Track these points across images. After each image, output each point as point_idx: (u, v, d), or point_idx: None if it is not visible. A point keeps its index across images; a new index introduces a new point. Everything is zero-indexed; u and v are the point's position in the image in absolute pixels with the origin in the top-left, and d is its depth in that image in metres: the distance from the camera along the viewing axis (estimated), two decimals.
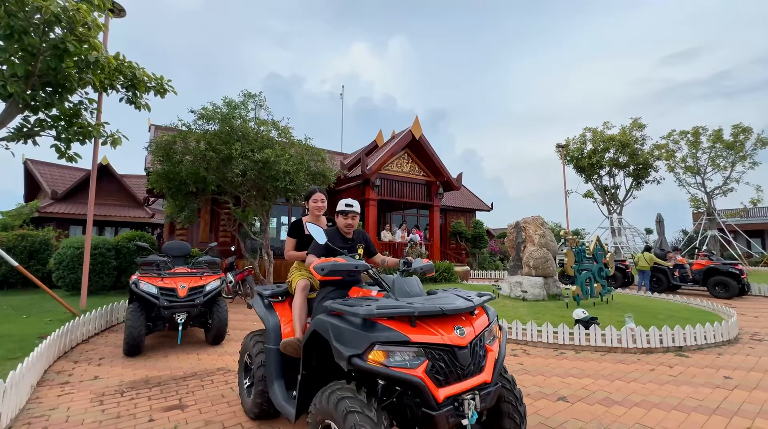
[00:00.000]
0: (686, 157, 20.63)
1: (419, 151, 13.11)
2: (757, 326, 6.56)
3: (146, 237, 9.63)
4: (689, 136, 20.36)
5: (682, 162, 20.64)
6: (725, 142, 19.73)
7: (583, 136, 18.31)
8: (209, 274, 5.16)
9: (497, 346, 2.18)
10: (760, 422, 2.95)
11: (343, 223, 2.81)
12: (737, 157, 19.78)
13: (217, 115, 8.03)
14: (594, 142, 17.88)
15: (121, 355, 4.56)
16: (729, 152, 19.77)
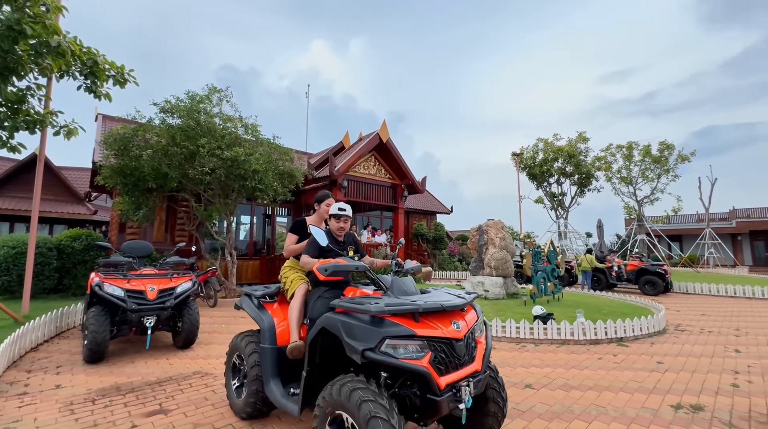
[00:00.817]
0: (621, 169, 22.96)
1: (386, 154, 13.37)
2: (680, 319, 7.57)
3: (94, 235, 8.91)
4: (624, 150, 22.70)
5: (617, 173, 22.94)
6: (653, 156, 22.21)
7: (536, 145, 19.79)
8: (179, 275, 4.98)
9: (484, 339, 2.44)
10: (687, 398, 3.51)
11: (336, 226, 2.93)
12: (662, 170, 22.35)
13: (181, 109, 7.67)
14: (545, 152, 19.38)
15: (81, 363, 4.27)
16: (656, 166, 22.28)
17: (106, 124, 11.92)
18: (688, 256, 24.98)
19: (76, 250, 8.43)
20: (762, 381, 4.00)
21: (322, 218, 3.31)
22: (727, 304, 9.92)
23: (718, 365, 4.54)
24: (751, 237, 28.28)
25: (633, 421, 3.02)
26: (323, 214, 3.28)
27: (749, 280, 14.64)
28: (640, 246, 22.51)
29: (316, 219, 3.30)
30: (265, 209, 14.49)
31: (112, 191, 12.04)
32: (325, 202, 3.25)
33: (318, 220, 3.31)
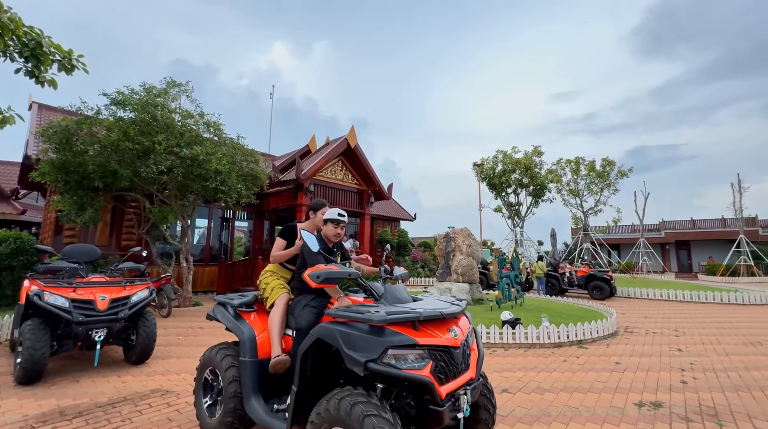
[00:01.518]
0: (570, 182, 24.73)
1: (353, 159, 13.29)
2: (627, 321, 8.21)
3: (24, 237, 7.87)
4: (572, 165, 24.48)
5: (567, 185, 24.66)
6: (597, 171, 24.16)
7: (496, 157, 20.77)
8: (134, 283, 4.52)
9: (476, 346, 2.44)
10: (646, 395, 3.77)
11: (333, 232, 2.83)
12: (605, 184, 24.37)
13: (135, 102, 7.06)
14: (504, 164, 20.38)
15: (12, 384, 3.71)
16: (599, 180, 24.24)
17: (43, 114, 10.69)
18: (625, 263, 27.36)
19: (2, 254, 7.39)
20: (704, 377, 4.41)
21: (316, 226, 3.16)
22: (662, 306, 10.94)
23: (666, 364, 4.95)
24: (676, 246, 31.62)
25: (605, 420, 3.18)
26: (318, 223, 3.12)
27: (677, 284, 16.28)
28: (586, 254, 24.28)
29: (309, 226, 3.15)
30: (223, 212, 13.78)
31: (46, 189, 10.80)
32: (321, 211, 3.11)
33: (311, 228, 3.15)
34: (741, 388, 4.04)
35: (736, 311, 10.03)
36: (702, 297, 12.18)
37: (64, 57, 5.75)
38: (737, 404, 3.58)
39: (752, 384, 4.16)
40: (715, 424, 3.14)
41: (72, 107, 7.19)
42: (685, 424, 3.13)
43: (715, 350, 5.69)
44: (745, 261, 24.15)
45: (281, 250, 3.08)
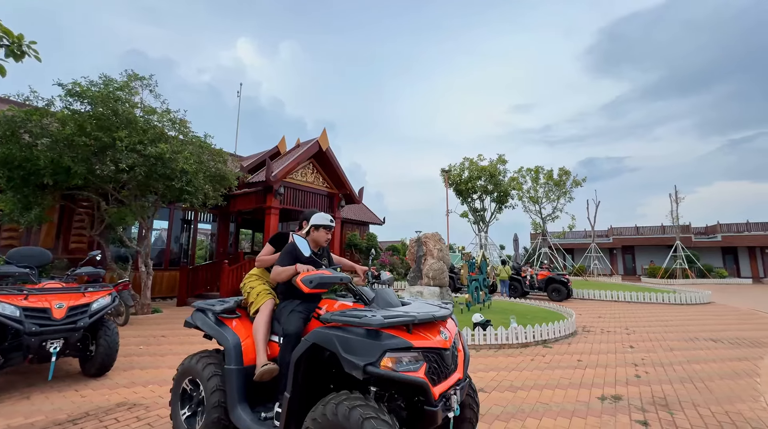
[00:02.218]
0: (530, 190, 26.07)
1: (324, 162, 13.16)
2: (584, 321, 8.78)
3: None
4: (532, 173, 25.84)
5: (527, 193, 25.97)
6: (554, 180, 25.68)
7: (463, 164, 21.48)
8: (94, 289, 4.21)
9: (462, 347, 2.54)
10: (607, 390, 4.07)
11: (323, 238, 2.83)
12: (561, 192, 25.94)
13: (95, 94, 6.57)
14: (470, 171, 21.12)
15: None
16: (557, 188, 25.76)
17: None
18: (578, 266, 29.21)
19: None
20: (655, 371, 4.84)
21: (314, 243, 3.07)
22: (613, 307, 11.82)
23: (621, 360, 5.36)
24: (623, 251, 34.22)
25: (573, 414, 3.40)
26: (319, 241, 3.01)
27: (624, 286, 17.64)
28: (544, 258, 25.65)
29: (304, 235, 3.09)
30: (184, 214, 13.13)
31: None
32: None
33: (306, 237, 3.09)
34: (686, 380, 4.48)
35: (675, 310, 11.05)
36: (646, 298, 13.29)
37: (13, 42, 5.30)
38: (683, 394, 3.97)
39: (694, 376, 4.63)
40: (666, 413, 3.47)
41: (18, 97, 6.56)
42: (642, 414, 3.43)
43: (661, 346, 6.25)
44: (680, 264, 26.65)
45: (268, 256, 3.03)
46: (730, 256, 30.44)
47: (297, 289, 2.75)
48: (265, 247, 3.12)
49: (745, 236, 28.75)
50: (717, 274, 27.11)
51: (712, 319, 9.43)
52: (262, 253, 3.10)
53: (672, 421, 3.27)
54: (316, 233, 2.85)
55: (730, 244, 29.26)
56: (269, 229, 11.41)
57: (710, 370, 4.89)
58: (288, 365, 2.41)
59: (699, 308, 11.59)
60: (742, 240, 28.73)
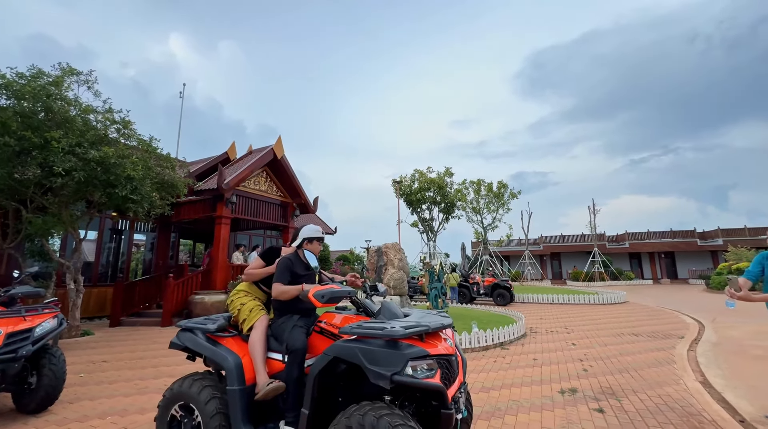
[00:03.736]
0: (472, 201, 27.80)
1: (279, 171, 12.83)
2: (530, 323, 9.59)
3: None
4: (474, 185, 27.62)
5: (470, 204, 27.65)
6: (494, 192, 27.72)
7: (413, 175, 22.29)
8: (38, 312, 3.69)
9: (459, 353, 2.74)
10: (564, 384, 4.56)
11: (317, 250, 2.85)
12: (500, 203, 28.05)
13: (23, 88, 5.76)
14: (420, 182, 21.98)
15: None
16: (496, 200, 27.80)
17: None
18: (514, 272, 31.63)
19: None
20: (597, 365, 5.50)
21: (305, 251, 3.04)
22: (550, 309, 13.04)
23: (568, 356, 6.00)
24: (551, 257, 37.79)
25: (542, 408, 3.77)
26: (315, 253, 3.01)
27: (556, 290, 19.52)
28: (486, 265, 27.37)
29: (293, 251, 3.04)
30: (115, 224, 11.86)
31: None
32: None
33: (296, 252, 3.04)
34: (622, 370, 5.17)
35: (599, 310, 12.53)
36: (575, 299, 14.87)
37: None
38: (624, 383, 4.59)
39: (628, 366, 5.35)
40: (615, 400, 4.00)
41: None
42: (597, 403, 3.91)
43: (597, 342, 7.09)
44: (598, 269, 30.19)
45: (258, 270, 2.96)
46: (636, 260, 35.21)
47: (294, 304, 2.76)
48: (256, 260, 3.05)
49: (647, 243, 33.52)
50: (626, 277, 31.17)
51: (631, 316, 10.88)
52: (252, 266, 3.02)
53: (621, 407, 3.78)
54: (309, 246, 2.87)
55: (635, 250, 33.85)
56: (219, 240, 10.77)
57: (639, 360, 5.69)
58: (294, 381, 2.41)
59: (618, 307, 13.27)
60: (644, 246, 33.43)
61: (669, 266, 33.94)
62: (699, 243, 31.70)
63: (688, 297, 17.26)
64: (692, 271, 31.64)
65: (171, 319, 9.34)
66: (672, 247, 32.42)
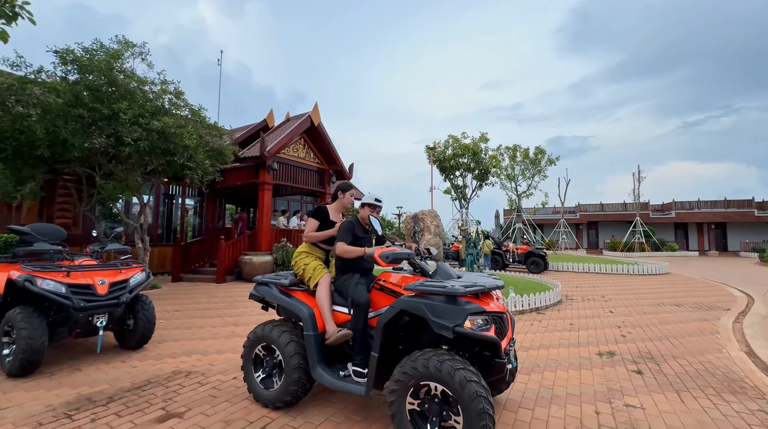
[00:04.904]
0: (507, 167, 26.99)
1: (316, 137, 13.06)
2: (565, 291, 9.64)
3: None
4: (510, 151, 26.67)
5: (504, 171, 26.88)
6: (530, 158, 26.68)
7: (447, 141, 21.84)
8: (129, 265, 4.27)
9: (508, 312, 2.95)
10: (601, 348, 4.72)
11: (367, 216, 3.10)
12: (536, 170, 27.05)
13: (93, 63, 6.19)
14: (454, 148, 21.55)
15: (2, 379, 3.39)
16: (532, 166, 26.82)
17: None
18: (548, 240, 31.03)
19: None
20: (635, 331, 5.58)
21: (343, 207, 3.35)
22: (586, 278, 12.93)
23: (605, 323, 6.10)
24: (587, 226, 36.56)
25: (580, 367, 3.99)
26: (346, 204, 3.33)
27: (593, 259, 19.12)
28: (518, 233, 27.02)
29: (337, 207, 3.33)
30: (167, 189, 12.74)
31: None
32: (349, 193, 3.30)
33: (339, 209, 3.34)
34: (662, 338, 5.23)
35: (639, 280, 12.29)
36: (613, 269, 14.59)
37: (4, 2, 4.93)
38: (663, 349, 4.68)
39: (668, 334, 5.40)
40: (654, 364, 4.13)
41: (4, 63, 6.05)
42: (635, 365, 4.07)
43: (635, 311, 7.10)
44: (638, 239, 28.99)
45: (316, 232, 3.19)
46: (681, 231, 33.36)
47: (355, 263, 3.05)
48: (310, 222, 3.21)
49: (695, 213, 31.50)
50: (669, 248, 29.78)
51: (672, 287, 10.63)
52: (309, 228, 3.19)
53: (660, 370, 3.92)
54: (362, 211, 3.12)
55: (682, 220, 31.99)
56: (263, 205, 11.38)
57: (680, 329, 5.70)
58: (360, 330, 2.74)
59: (659, 278, 12.93)
60: (692, 216, 31.47)
61: (718, 238, 31.96)
62: (756, 213, 29.40)
63: (739, 270, 16.41)
64: (745, 244, 29.69)
65: (224, 276, 10.23)
66: (725, 218, 30.33)
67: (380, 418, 2.74)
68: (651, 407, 3.02)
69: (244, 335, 4.88)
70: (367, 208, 3.14)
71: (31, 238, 4.35)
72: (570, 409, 2.98)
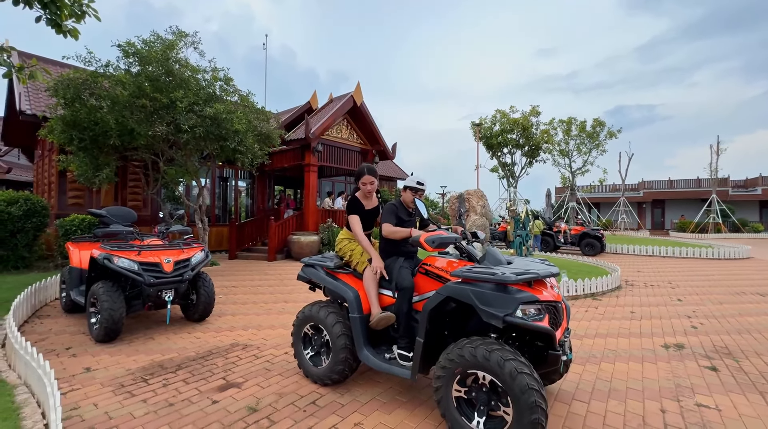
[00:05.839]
0: (560, 142, 25.13)
1: (359, 118, 13.01)
2: (625, 275, 8.95)
3: (34, 199, 7.60)
4: (564, 125, 24.73)
5: (557, 146, 25.08)
6: (587, 132, 24.57)
7: (494, 117, 20.72)
8: (190, 245, 4.61)
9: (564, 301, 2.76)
10: (668, 339, 4.32)
11: (410, 199, 3.02)
12: (593, 144, 24.91)
13: (152, 54, 6.59)
14: (502, 124, 20.42)
15: (91, 343, 3.88)
16: (589, 140, 24.72)
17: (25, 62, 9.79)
18: (605, 220, 28.87)
19: (15, 216, 7.17)
20: (709, 323, 5.04)
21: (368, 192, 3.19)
22: (649, 261, 11.89)
23: (672, 312, 5.58)
24: (652, 205, 33.40)
25: (643, 359, 3.69)
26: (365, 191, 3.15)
27: (656, 241, 17.51)
28: (571, 212, 25.39)
29: (362, 195, 3.21)
30: (221, 172, 13.48)
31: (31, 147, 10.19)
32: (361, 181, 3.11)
33: (364, 195, 3.20)
34: (742, 331, 4.67)
35: (713, 265, 11.06)
36: (682, 253, 13.25)
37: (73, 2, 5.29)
38: (743, 344, 4.18)
39: (750, 328, 4.81)
40: (732, 360, 3.71)
41: (78, 59, 6.62)
42: (708, 361, 3.68)
43: (709, 300, 6.41)
44: (714, 219, 25.96)
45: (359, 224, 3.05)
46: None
47: (400, 246, 3.00)
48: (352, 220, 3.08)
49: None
50: (752, 229, 26.40)
51: (755, 274, 9.44)
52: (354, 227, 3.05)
53: (739, 368, 3.51)
54: (405, 195, 3.04)
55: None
56: (309, 187, 11.70)
57: (764, 322, 5.05)
58: (404, 314, 2.72)
59: (738, 263, 11.54)
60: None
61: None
62: None
63: None
64: None
65: (275, 255, 10.78)
66: None
67: (426, 401, 2.74)
68: (728, 409, 2.71)
69: (294, 312, 5.14)
70: (410, 191, 3.06)
71: (107, 220, 4.84)
72: (631, 404, 2.77)
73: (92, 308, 3.94)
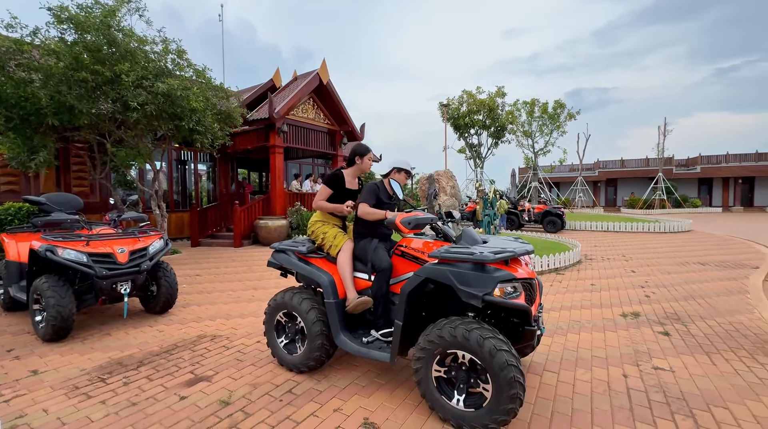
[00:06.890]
0: (524, 123, 25.82)
1: (325, 97, 12.56)
2: (584, 250, 9.47)
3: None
4: (527, 107, 25.37)
5: (521, 127, 25.76)
6: (549, 113, 25.38)
7: (461, 97, 20.80)
8: (147, 233, 4.26)
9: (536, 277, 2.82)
10: (625, 309, 4.62)
11: (402, 181, 2.93)
12: (554, 126, 25.83)
13: (90, 21, 5.85)
14: (469, 104, 20.56)
15: (37, 343, 3.53)
16: (550, 122, 25.58)
17: None
18: (564, 199, 30.39)
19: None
20: (660, 292, 5.45)
21: (361, 172, 3.14)
22: (604, 236, 12.68)
23: (628, 283, 5.97)
24: (606, 183, 35.49)
25: (605, 329, 3.91)
26: (365, 169, 3.12)
27: (610, 217, 18.68)
28: (534, 191, 26.44)
29: (354, 172, 3.12)
30: (178, 155, 12.64)
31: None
32: (367, 157, 3.07)
33: (356, 174, 3.14)
34: (688, 298, 5.09)
35: (660, 238, 11.98)
36: (633, 227, 14.23)
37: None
38: (690, 310, 4.56)
39: (694, 294, 5.25)
40: (681, 325, 4.03)
41: None
42: (661, 327, 3.97)
43: (658, 270, 6.93)
44: (659, 195, 28.06)
45: (326, 202, 3.00)
46: (705, 186, 32.09)
47: (374, 228, 2.92)
48: (322, 189, 3.04)
49: (722, 167, 30.06)
50: (691, 204, 28.83)
51: (696, 245, 10.33)
52: (319, 196, 3.02)
53: (688, 331, 3.82)
54: (397, 176, 2.95)
55: (707, 176, 30.67)
56: (275, 169, 11.25)
57: (706, 289, 5.54)
58: (381, 297, 2.67)
59: (681, 236, 12.58)
60: (719, 171, 30.08)
61: (745, 193, 30.71)
62: None
63: (766, 225, 15.83)
64: None
65: (241, 240, 10.37)
66: (754, 172, 28.91)
67: (404, 382, 2.75)
68: (681, 370, 2.94)
69: (264, 300, 4.97)
70: (404, 173, 2.97)
71: (47, 207, 4.36)
72: (596, 372, 2.93)
73: (36, 305, 3.57)
